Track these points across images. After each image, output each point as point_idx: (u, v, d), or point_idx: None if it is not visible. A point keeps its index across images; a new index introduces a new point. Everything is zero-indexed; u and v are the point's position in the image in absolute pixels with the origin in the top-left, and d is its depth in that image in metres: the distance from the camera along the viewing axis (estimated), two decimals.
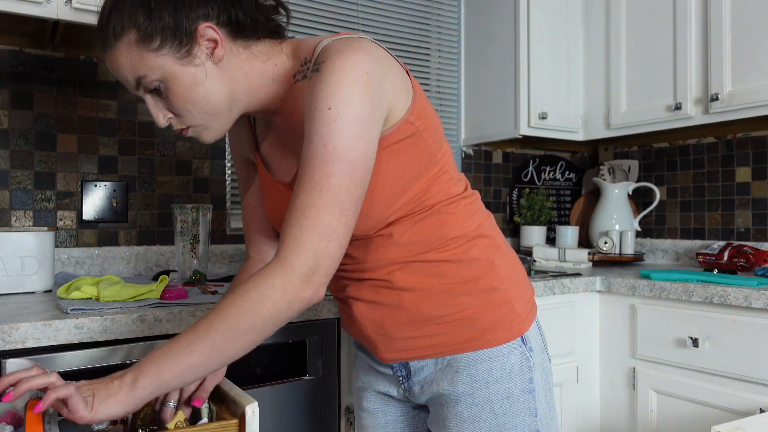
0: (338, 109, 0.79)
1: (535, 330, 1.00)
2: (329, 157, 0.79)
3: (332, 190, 0.78)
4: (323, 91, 0.80)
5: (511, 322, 0.95)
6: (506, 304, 0.95)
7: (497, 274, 0.96)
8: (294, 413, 1.31)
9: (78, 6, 1.40)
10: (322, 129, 0.79)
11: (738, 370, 1.56)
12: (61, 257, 1.70)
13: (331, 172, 0.79)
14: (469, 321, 0.94)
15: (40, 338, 1.04)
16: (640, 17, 2.15)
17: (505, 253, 1.00)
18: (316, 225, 0.78)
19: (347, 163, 0.79)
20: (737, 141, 2.21)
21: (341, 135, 0.79)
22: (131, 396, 0.76)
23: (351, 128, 0.79)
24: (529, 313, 0.99)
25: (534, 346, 0.98)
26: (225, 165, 1.98)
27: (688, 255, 2.35)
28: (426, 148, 0.91)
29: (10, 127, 1.66)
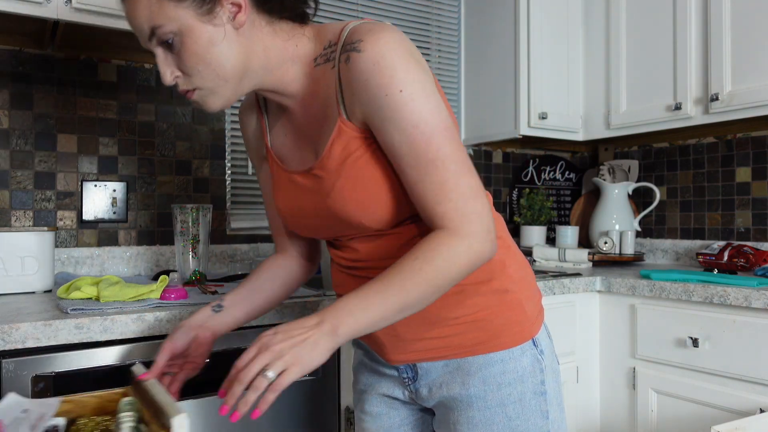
0: (410, 90, 0.80)
1: (544, 332, 1.00)
2: (429, 134, 0.81)
3: (450, 158, 0.81)
4: (385, 77, 0.80)
5: (522, 324, 0.95)
6: (518, 305, 0.95)
7: (509, 276, 0.95)
8: (294, 413, 1.31)
9: (78, 6, 1.40)
10: (404, 113, 0.81)
11: (738, 370, 1.56)
12: (61, 257, 1.70)
13: (439, 145, 0.81)
14: (481, 323, 0.93)
15: (40, 338, 1.04)
16: (640, 17, 2.15)
17: (515, 254, 0.99)
18: (463, 191, 0.82)
19: (443, 130, 0.82)
20: (737, 141, 2.21)
21: (425, 111, 0.81)
22: (332, 344, 0.78)
23: (431, 100, 0.82)
24: (538, 315, 0.99)
25: (544, 349, 0.97)
26: (225, 165, 1.98)
27: (688, 255, 2.35)
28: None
29: (11, 127, 1.66)
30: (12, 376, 1.02)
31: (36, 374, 1.04)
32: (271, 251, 2.05)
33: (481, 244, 0.83)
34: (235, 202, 2.01)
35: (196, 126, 1.93)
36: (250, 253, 2.00)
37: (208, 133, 1.95)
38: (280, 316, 1.28)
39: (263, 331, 1.26)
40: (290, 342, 0.75)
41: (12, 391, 1.01)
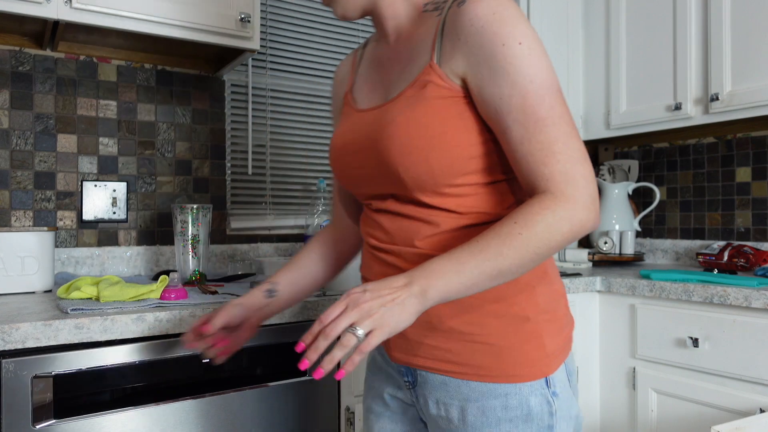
0: (528, 43, 0.78)
1: (563, 373, 0.89)
2: (543, 91, 0.78)
3: (562, 119, 0.78)
4: (505, 27, 0.78)
5: (537, 360, 0.85)
6: (536, 338, 0.85)
7: (535, 303, 0.86)
8: (294, 413, 1.31)
9: (78, 6, 1.40)
10: (522, 65, 0.77)
11: (738, 370, 1.56)
12: (61, 257, 1.70)
13: (552, 104, 0.78)
14: (491, 348, 0.85)
15: (40, 338, 1.04)
16: (640, 17, 2.15)
17: (552, 280, 0.90)
18: (572, 154, 0.77)
19: (556, 91, 0.79)
20: (737, 141, 2.21)
21: (541, 67, 0.78)
22: (420, 306, 0.75)
23: (545, 59, 0.79)
24: (560, 352, 0.88)
25: (559, 391, 0.86)
26: (225, 165, 1.98)
27: (688, 255, 2.35)
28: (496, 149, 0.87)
29: (11, 126, 1.66)
30: (12, 377, 1.02)
31: (36, 374, 1.04)
32: (271, 252, 2.05)
33: (586, 212, 0.77)
34: (235, 202, 2.01)
35: (196, 126, 1.93)
36: (250, 253, 2.00)
37: (208, 133, 1.95)
38: (280, 316, 1.28)
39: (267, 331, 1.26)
40: (379, 301, 0.72)
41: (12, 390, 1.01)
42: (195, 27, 1.54)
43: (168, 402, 1.17)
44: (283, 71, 2.10)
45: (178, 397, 1.18)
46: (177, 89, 1.90)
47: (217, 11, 1.57)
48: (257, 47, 1.65)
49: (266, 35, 2.06)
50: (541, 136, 0.77)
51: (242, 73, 2.02)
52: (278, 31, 2.08)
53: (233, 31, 1.59)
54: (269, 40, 2.07)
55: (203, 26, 1.55)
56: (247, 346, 1.25)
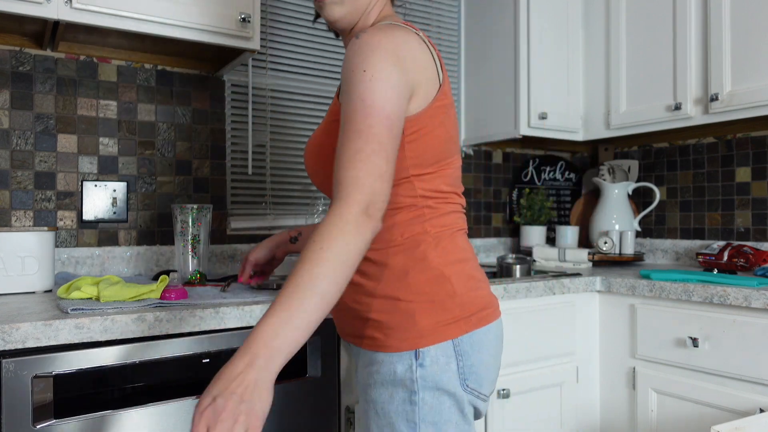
0: (373, 73, 0.90)
1: (444, 350, 0.97)
2: (369, 111, 0.89)
3: (376, 138, 0.87)
4: (358, 57, 0.92)
5: (408, 333, 0.97)
6: (408, 315, 0.97)
7: (407, 285, 0.98)
8: (294, 413, 1.31)
9: (78, 6, 1.40)
10: (359, 88, 0.90)
11: (738, 370, 1.56)
12: (62, 257, 1.70)
13: (372, 123, 0.88)
14: (374, 323, 1.00)
15: (41, 338, 1.04)
16: (639, 17, 2.15)
17: (429, 267, 0.99)
18: (369, 167, 0.86)
19: (385, 116, 0.89)
20: (737, 141, 2.21)
21: (376, 93, 0.89)
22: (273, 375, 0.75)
23: (384, 89, 0.90)
24: (440, 332, 0.97)
25: (429, 364, 0.96)
26: (225, 165, 1.98)
27: (688, 255, 2.35)
28: (402, 158, 0.98)
29: (11, 126, 1.66)
30: (12, 376, 1.03)
31: (36, 374, 1.04)
32: None
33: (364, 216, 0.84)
34: (235, 202, 2.01)
35: (197, 126, 1.93)
36: None
37: (208, 133, 1.95)
38: None
39: None
40: (235, 400, 0.70)
41: (12, 389, 1.02)
42: (195, 27, 1.54)
43: (168, 402, 1.17)
44: (283, 71, 2.10)
45: (178, 397, 1.18)
46: (177, 89, 1.90)
47: (217, 11, 1.57)
48: (257, 47, 1.65)
49: (266, 35, 2.06)
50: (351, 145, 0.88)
51: (242, 73, 2.02)
52: (278, 31, 2.08)
53: (233, 31, 1.59)
54: (269, 40, 2.07)
55: (203, 26, 1.55)
56: None
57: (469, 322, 0.99)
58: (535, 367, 1.77)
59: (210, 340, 1.21)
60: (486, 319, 1.02)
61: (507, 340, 1.70)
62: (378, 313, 0.99)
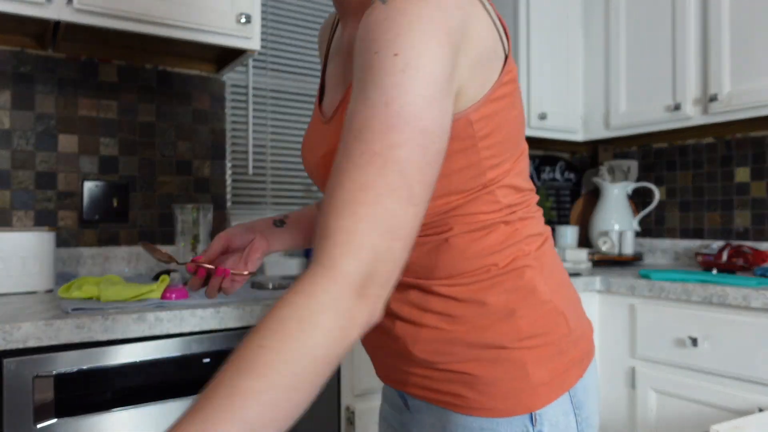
0: (407, 60, 0.57)
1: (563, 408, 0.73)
2: (394, 121, 0.55)
3: (398, 166, 0.55)
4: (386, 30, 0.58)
5: (520, 392, 0.72)
6: (518, 368, 0.72)
7: (515, 329, 0.72)
8: None
9: (79, 7, 1.40)
10: (384, 81, 0.56)
11: (737, 369, 1.57)
12: (62, 257, 1.70)
13: (397, 142, 0.55)
14: (465, 377, 0.73)
15: (41, 338, 1.04)
16: (639, 18, 2.15)
17: (541, 300, 0.74)
18: (375, 214, 0.54)
19: (419, 131, 0.56)
20: (736, 141, 2.21)
21: (409, 94, 0.56)
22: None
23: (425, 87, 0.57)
24: (557, 383, 0.73)
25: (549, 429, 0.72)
26: (225, 165, 1.98)
27: (688, 255, 2.35)
28: (476, 163, 0.69)
29: (12, 127, 1.66)
30: (13, 376, 1.03)
31: (37, 374, 1.05)
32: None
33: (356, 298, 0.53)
34: (235, 202, 2.02)
35: (197, 126, 1.93)
36: None
37: (209, 133, 1.95)
38: None
39: None
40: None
41: (13, 389, 1.02)
42: (195, 27, 1.55)
43: (168, 402, 1.17)
44: (283, 71, 2.10)
45: (178, 397, 1.18)
46: (177, 89, 1.90)
47: (217, 11, 1.57)
48: (257, 47, 1.66)
49: (266, 35, 2.06)
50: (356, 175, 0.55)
51: (242, 74, 2.02)
52: (278, 31, 2.09)
53: (233, 31, 1.60)
54: (269, 40, 2.07)
55: (203, 26, 1.56)
56: None
57: (582, 362, 0.76)
58: None
59: (210, 340, 1.21)
60: (592, 352, 0.79)
61: None
62: (469, 364, 0.72)
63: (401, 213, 0.55)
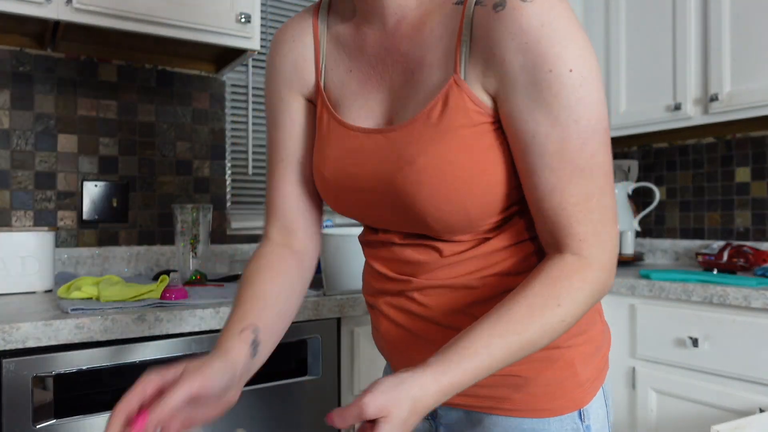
0: (582, 72, 0.62)
1: (600, 402, 0.76)
2: (587, 135, 0.64)
3: (600, 169, 0.65)
4: (555, 45, 0.61)
5: (569, 391, 0.73)
6: (567, 366, 0.73)
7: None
8: (294, 413, 1.31)
9: (79, 6, 1.40)
10: (568, 101, 0.62)
11: (737, 369, 1.56)
12: (62, 257, 1.70)
13: (593, 152, 0.64)
14: (515, 379, 0.73)
15: (41, 338, 1.04)
16: (639, 17, 2.15)
17: None
18: (605, 214, 0.66)
19: (603, 133, 0.65)
20: (737, 141, 2.21)
21: (592, 105, 0.64)
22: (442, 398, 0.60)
23: (598, 93, 0.65)
24: (596, 379, 0.76)
25: (595, 423, 0.75)
26: (225, 165, 1.98)
27: (688, 255, 2.35)
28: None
29: (11, 127, 1.66)
30: (12, 376, 1.03)
31: (36, 374, 1.04)
32: None
33: (609, 277, 0.67)
34: (235, 202, 2.01)
35: (196, 126, 1.93)
36: (250, 253, 2.00)
37: (208, 133, 1.95)
38: None
39: None
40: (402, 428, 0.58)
41: (13, 389, 1.02)
42: (195, 27, 1.55)
43: None
44: None
45: None
46: (177, 89, 1.90)
47: (217, 11, 1.57)
48: (257, 47, 1.65)
49: (266, 35, 2.06)
50: (578, 188, 0.65)
51: (242, 73, 2.02)
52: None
53: (233, 31, 1.59)
54: (269, 40, 2.07)
55: (203, 26, 1.55)
56: None
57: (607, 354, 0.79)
58: None
59: (210, 340, 1.21)
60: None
61: None
62: (521, 366, 0.72)
63: (613, 202, 0.67)
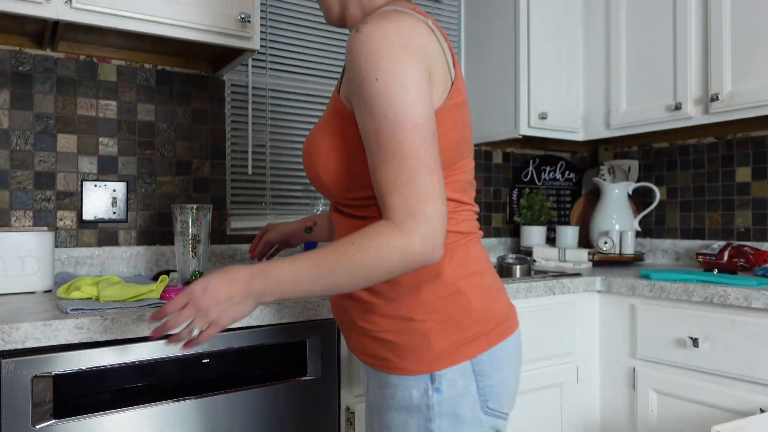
0: (386, 80, 0.82)
1: (464, 373, 0.90)
2: (395, 126, 0.81)
3: (410, 153, 0.81)
4: (365, 58, 0.83)
5: (423, 355, 0.90)
6: (422, 336, 0.90)
7: (420, 304, 0.91)
8: (294, 413, 1.31)
9: (78, 6, 1.40)
10: (376, 100, 0.82)
11: (738, 370, 1.56)
12: (61, 257, 1.70)
13: (402, 139, 0.81)
14: (385, 343, 0.93)
15: (40, 338, 1.04)
16: (640, 17, 2.15)
17: (444, 283, 0.92)
18: (416, 190, 0.80)
19: (414, 125, 0.81)
20: (737, 141, 2.21)
21: (397, 103, 0.81)
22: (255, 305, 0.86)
23: (404, 95, 0.81)
24: (454, 352, 0.90)
25: (446, 389, 0.89)
26: (225, 165, 1.98)
27: (688, 255, 2.35)
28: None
29: (11, 127, 1.66)
30: (12, 377, 1.02)
31: (36, 374, 1.04)
32: None
33: (420, 246, 0.80)
34: (235, 202, 2.01)
35: (196, 126, 1.93)
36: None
37: (208, 133, 1.95)
38: (280, 316, 1.28)
39: (266, 331, 1.26)
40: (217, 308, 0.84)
41: (12, 390, 1.01)
42: (195, 27, 1.54)
43: (168, 402, 1.17)
44: (283, 71, 2.10)
45: (178, 397, 1.18)
46: (177, 89, 1.90)
47: (217, 11, 1.57)
48: (257, 47, 1.65)
49: (266, 35, 2.06)
50: (389, 167, 0.82)
51: (242, 73, 2.02)
52: (278, 31, 2.08)
53: (233, 31, 1.59)
54: (269, 40, 2.07)
55: (203, 26, 1.55)
56: (247, 346, 1.25)
57: (489, 338, 0.92)
58: (535, 367, 1.77)
59: (210, 340, 1.21)
60: (506, 332, 0.95)
61: None
62: (391, 333, 0.92)
63: (430, 183, 0.81)
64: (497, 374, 0.92)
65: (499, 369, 0.93)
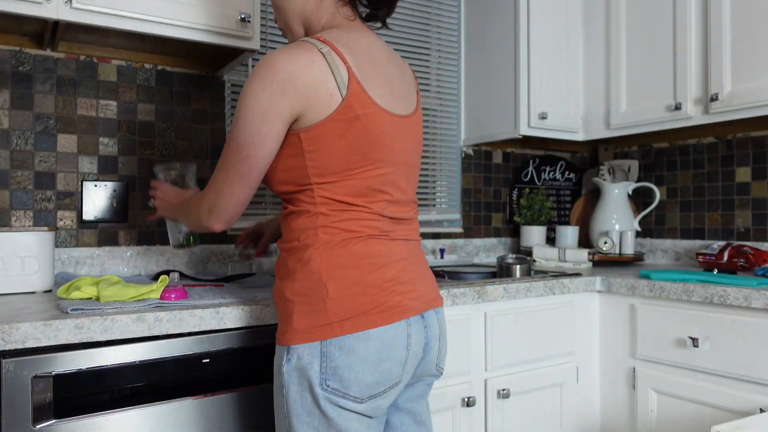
0: (240, 106, 1.05)
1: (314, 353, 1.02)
2: (228, 138, 1.09)
3: (225, 161, 1.09)
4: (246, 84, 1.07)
5: (286, 330, 1.06)
6: (288, 314, 1.06)
7: (292, 286, 1.07)
8: None
9: (78, 6, 1.40)
10: (234, 118, 1.08)
11: (738, 369, 1.56)
12: (61, 257, 1.70)
13: (226, 149, 1.09)
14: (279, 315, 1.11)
15: (40, 338, 1.04)
16: (640, 17, 2.15)
17: (312, 271, 1.05)
18: (214, 181, 1.12)
19: (235, 144, 1.06)
20: (737, 141, 2.21)
21: (237, 123, 1.06)
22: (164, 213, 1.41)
23: (244, 120, 1.05)
24: (310, 333, 1.03)
25: (295, 361, 1.03)
26: None
27: (688, 255, 2.35)
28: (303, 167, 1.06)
29: (11, 126, 1.66)
30: (12, 376, 1.03)
31: (36, 374, 1.04)
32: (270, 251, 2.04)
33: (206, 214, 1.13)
34: None
35: (196, 126, 1.93)
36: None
37: (208, 133, 1.95)
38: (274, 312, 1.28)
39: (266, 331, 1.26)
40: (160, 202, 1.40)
41: (12, 389, 1.02)
42: (195, 27, 1.54)
43: (168, 402, 1.17)
44: None
45: (178, 397, 1.18)
46: (177, 89, 1.90)
47: (217, 11, 1.57)
48: (257, 47, 1.65)
49: (266, 35, 2.06)
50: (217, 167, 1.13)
51: (242, 73, 2.02)
52: (278, 31, 2.08)
53: (233, 31, 1.59)
54: (269, 40, 2.07)
55: (203, 26, 1.55)
56: (246, 346, 1.25)
57: (342, 326, 1.03)
58: (535, 367, 1.77)
59: (210, 340, 1.21)
60: (364, 325, 1.03)
61: (507, 340, 1.70)
62: (276, 306, 1.11)
63: (225, 185, 1.10)
64: (344, 359, 1.03)
65: (348, 355, 1.03)
